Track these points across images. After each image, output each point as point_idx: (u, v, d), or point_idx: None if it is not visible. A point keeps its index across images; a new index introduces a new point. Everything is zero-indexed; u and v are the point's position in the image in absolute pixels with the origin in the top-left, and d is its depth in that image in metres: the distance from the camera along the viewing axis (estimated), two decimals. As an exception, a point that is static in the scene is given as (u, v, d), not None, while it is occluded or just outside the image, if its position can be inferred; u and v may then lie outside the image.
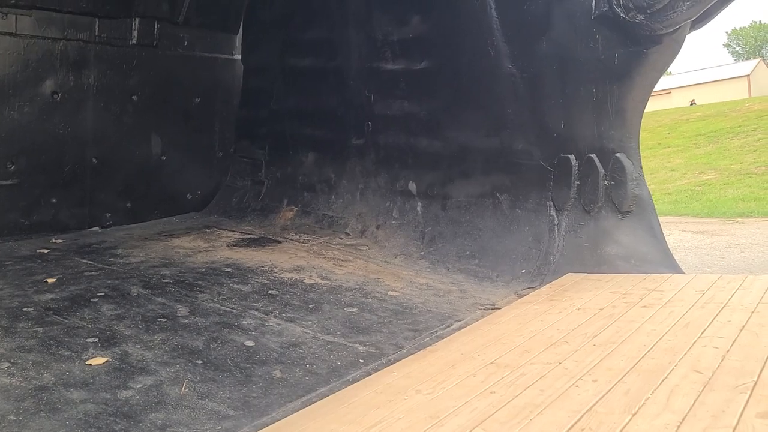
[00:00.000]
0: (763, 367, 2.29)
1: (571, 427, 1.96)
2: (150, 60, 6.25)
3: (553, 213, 5.23)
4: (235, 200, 7.08)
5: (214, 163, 7.17)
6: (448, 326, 3.91)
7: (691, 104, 42.68)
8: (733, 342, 2.64)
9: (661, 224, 5.21)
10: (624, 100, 4.92)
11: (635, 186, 4.92)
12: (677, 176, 20.03)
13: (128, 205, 6.36)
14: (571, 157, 5.14)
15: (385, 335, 3.75)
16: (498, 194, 5.54)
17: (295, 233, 6.23)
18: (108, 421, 2.56)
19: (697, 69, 59.22)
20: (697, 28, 4.92)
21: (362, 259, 5.52)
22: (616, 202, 4.95)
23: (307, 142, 6.79)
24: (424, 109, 5.94)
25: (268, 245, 5.81)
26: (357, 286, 4.70)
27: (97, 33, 5.76)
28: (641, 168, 5.04)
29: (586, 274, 4.57)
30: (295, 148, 6.89)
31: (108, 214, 6.18)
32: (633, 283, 4.05)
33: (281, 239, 6.05)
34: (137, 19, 6.01)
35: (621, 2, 4.55)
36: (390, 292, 4.63)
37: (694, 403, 2.04)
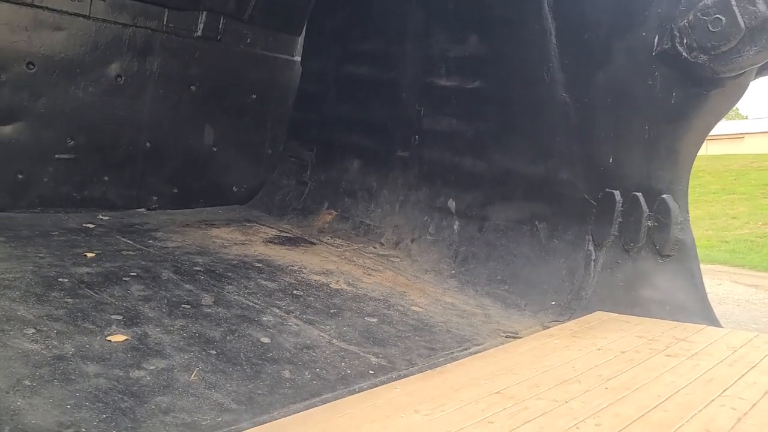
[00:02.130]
0: (778, 435, 2.18)
1: (562, 468, 1.90)
2: (212, 53, 6.45)
3: (591, 248, 5.11)
4: (278, 198, 7.21)
5: (262, 160, 7.31)
6: (465, 349, 3.87)
7: None
8: (754, 405, 2.52)
9: (706, 269, 5.03)
10: (677, 141, 4.78)
11: (679, 230, 4.76)
12: (738, 225, 19.25)
13: (175, 190, 6.55)
14: (617, 193, 5.02)
15: (400, 350, 3.74)
16: (537, 222, 5.46)
17: (331, 237, 6.29)
18: (116, 397, 2.64)
19: (773, 114, 56.97)
20: (764, 75, 4.74)
21: (392, 270, 5.52)
22: (658, 245, 4.80)
23: (354, 149, 6.85)
24: (472, 128, 5.91)
25: (302, 246, 5.88)
26: (381, 297, 4.71)
27: (165, 22, 5.98)
28: (687, 212, 4.88)
29: (616, 314, 4.44)
30: (342, 154, 6.96)
31: (154, 197, 6.38)
32: (663, 329, 3.92)
33: (316, 241, 6.11)
34: (204, 13, 6.21)
35: (684, 41, 4.42)
36: (413, 307, 4.62)
37: (695, 463, 1.96)
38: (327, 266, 5.26)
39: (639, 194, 4.91)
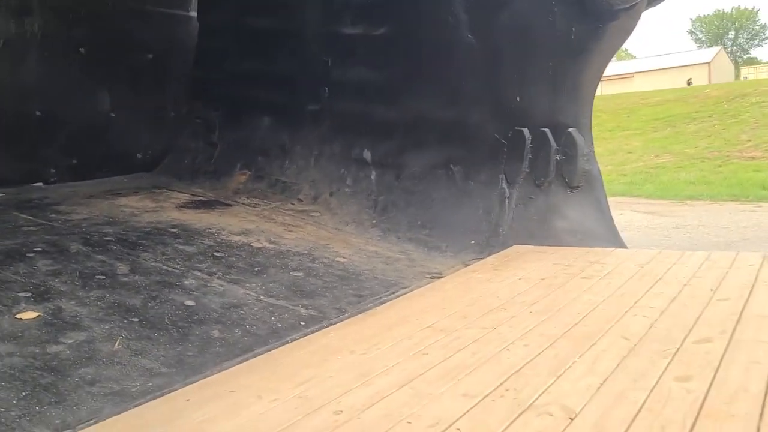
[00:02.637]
0: (687, 335, 2.36)
1: (497, 387, 1.98)
2: (99, 11, 6.00)
3: (505, 186, 5.26)
4: (186, 162, 6.92)
5: (165, 123, 6.97)
6: (393, 293, 3.91)
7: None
8: (663, 312, 2.71)
9: (608, 201, 5.32)
10: (579, 75, 4.96)
11: (585, 161, 4.99)
12: (634, 158, 20.44)
13: (74, 161, 6.15)
14: (525, 130, 5.17)
15: (328, 300, 3.74)
16: (452, 165, 5.54)
17: (247, 197, 6.14)
18: (35, 374, 2.49)
19: (661, 54, 60.23)
20: (654, 5, 4.96)
21: (313, 225, 5.48)
22: (567, 177, 5.02)
23: (263, 105, 6.65)
24: (382, 76, 5.87)
25: (218, 208, 5.71)
26: (305, 252, 4.66)
27: (44, -20, 5.51)
28: (592, 144, 5.11)
29: (532, 246, 4.63)
30: (250, 112, 6.74)
31: (52, 170, 5.97)
32: (576, 255, 4.13)
33: (232, 203, 5.95)
34: (88, -33, 5.76)
35: (580, -24, 4.54)
36: (338, 258, 4.61)
37: (617, 366, 2.09)
38: (246, 226, 5.14)
39: (547, 130, 5.08)
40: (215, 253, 4.37)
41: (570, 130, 4.99)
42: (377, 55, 5.87)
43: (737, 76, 55.35)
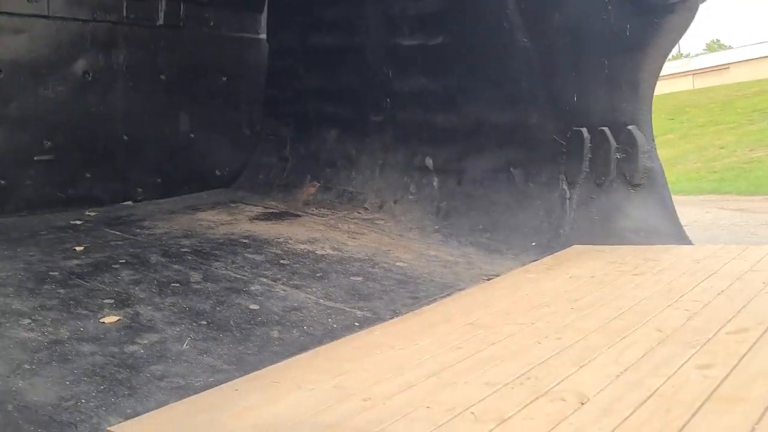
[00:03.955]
0: (723, 326, 2.34)
1: (519, 376, 2.07)
2: (176, 40, 6.50)
3: (565, 187, 5.25)
4: (261, 176, 7.32)
5: (241, 141, 7.40)
6: (448, 294, 4.02)
7: None
8: (706, 305, 2.68)
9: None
10: (636, 71, 4.88)
11: (647, 159, 4.90)
12: (726, 154, 19.36)
13: (158, 180, 6.66)
14: (584, 130, 5.14)
15: (384, 302, 3.90)
16: (512, 168, 5.58)
17: (316, 208, 6.42)
18: (112, 370, 2.80)
19: (758, 42, 56.60)
20: (709, -2, 4.82)
21: (377, 232, 5.67)
22: (628, 175, 4.94)
23: (329, 119, 6.94)
24: (440, 84, 6.00)
25: (288, 219, 6.02)
26: (366, 257, 4.85)
27: (125, 14, 6.03)
28: (653, 140, 5.01)
29: (592, 246, 4.60)
30: (318, 126, 7.05)
31: (139, 189, 6.50)
32: (633, 253, 4.08)
33: (301, 213, 6.25)
34: (163, 1, 6.25)
35: (631, -28, 4.50)
36: (398, 263, 4.77)
37: (642, 357, 2.13)
38: (312, 235, 5.40)
39: (605, 129, 5.03)
40: (281, 261, 4.64)
41: (629, 127, 4.92)
42: (435, 64, 6.01)
43: None
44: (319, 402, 2.03)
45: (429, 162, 6.15)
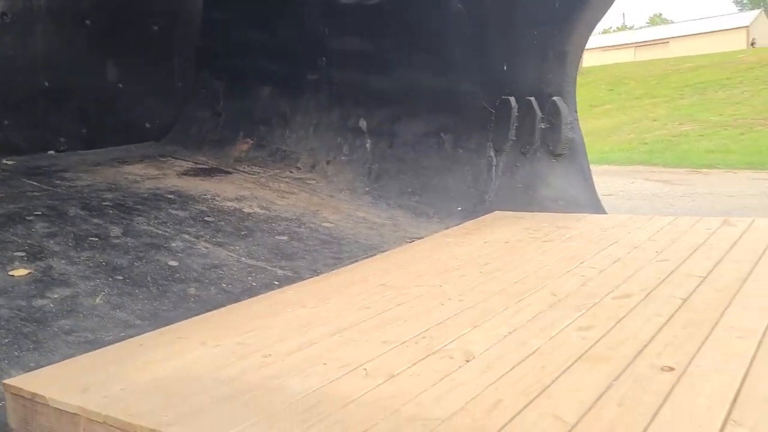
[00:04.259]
0: (611, 292, 2.51)
1: (416, 335, 2.17)
2: (104, -16, 6.22)
3: (492, 154, 5.39)
4: (193, 131, 7.17)
5: (173, 94, 7.20)
6: (370, 256, 4.11)
7: (752, 44, 41.94)
8: (601, 272, 2.85)
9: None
10: (563, 43, 5.01)
11: (569, 129, 5.07)
12: (657, 126, 20.12)
13: (83, 131, 6.43)
14: (512, 99, 5.26)
15: (307, 261, 3.96)
16: (442, 134, 5.68)
17: (248, 165, 6.36)
18: (18, 324, 2.76)
19: (697, 18, 58.20)
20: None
21: (307, 192, 5.68)
22: (551, 145, 5.11)
23: (264, 75, 6.83)
24: (376, 45, 5.98)
25: (218, 175, 5.95)
26: (294, 217, 4.88)
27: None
28: (576, 112, 5.18)
29: (512, 212, 4.76)
30: (253, 82, 6.93)
31: (62, 139, 6.27)
32: (549, 221, 4.26)
33: (232, 170, 6.18)
34: (90, -61, 5.95)
35: (561, -56, 4.58)
36: (324, 224, 4.82)
37: (532, 318, 2.26)
38: (241, 192, 5.38)
39: (532, 98, 5.17)
40: (206, 218, 4.61)
41: (554, 98, 5.07)
42: (372, 25, 5.98)
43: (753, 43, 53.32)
44: (221, 358, 2.08)
45: (363, 123, 6.17)
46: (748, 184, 9.87)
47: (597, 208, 4.94)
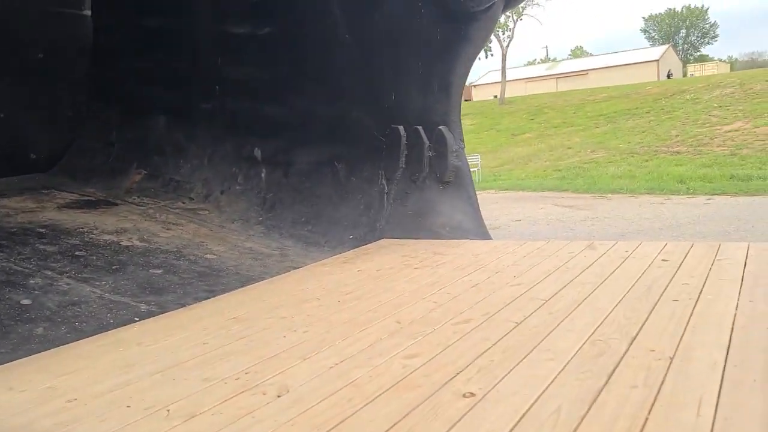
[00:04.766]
0: (453, 318, 2.51)
1: (240, 371, 2.09)
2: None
3: (384, 182, 5.40)
4: (84, 161, 6.89)
5: (62, 123, 6.91)
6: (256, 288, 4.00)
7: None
8: (454, 298, 2.86)
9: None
10: (447, 74, 5.11)
11: (455, 158, 5.16)
12: (571, 154, 20.95)
13: (-41, 162, 6.08)
14: (401, 128, 5.31)
15: (176, 296, 3.80)
16: (336, 162, 5.66)
17: (138, 197, 6.15)
18: None
19: (614, 51, 61.49)
20: (511, 8, 5.16)
21: (196, 223, 5.52)
22: (438, 173, 5.18)
23: (159, 104, 6.66)
24: (269, 74, 5.95)
25: (102, 207, 5.71)
26: (175, 249, 4.72)
27: None
28: (462, 140, 5.28)
29: (398, 239, 4.77)
30: (148, 111, 6.74)
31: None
32: (428, 247, 4.27)
33: (120, 202, 5.95)
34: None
35: (439, -21, 4.70)
36: (207, 255, 4.68)
37: (366, 348, 2.23)
38: (123, 225, 5.17)
39: (419, 127, 5.24)
40: (77, 252, 4.39)
41: (440, 127, 5.15)
42: (264, 54, 5.95)
43: (684, 73, 56.96)
44: (22, 404, 1.94)
45: (258, 152, 6.10)
46: (645, 208, 10.34)
47: (482, 233, 5.01)
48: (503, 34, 38.74)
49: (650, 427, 1.48)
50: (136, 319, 3.40)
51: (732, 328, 2.16)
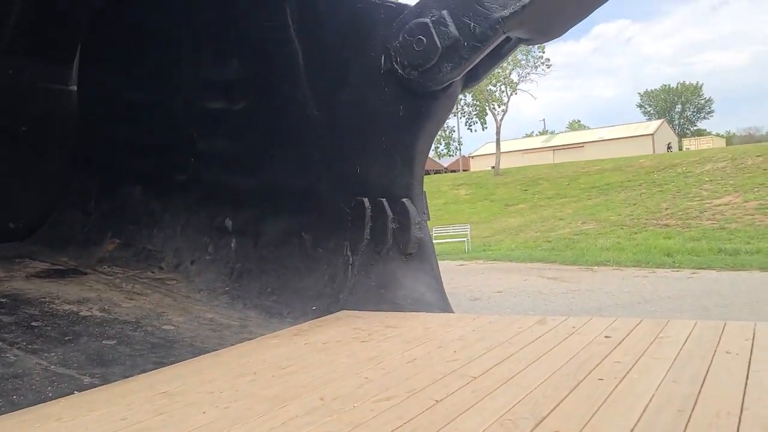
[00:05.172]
0: (378, 394, 2.49)
1: (141, 449, 2.06)
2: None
3: (349, 253, 5.44)
4: (61, 231, 6.97)
5: (43, 193, 7.04)
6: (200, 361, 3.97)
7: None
8: (387, 373, 2.84)
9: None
10: (409, 148, 5.24)
11: (418, 230, 5.21)
12: (563, 225, 21.07)
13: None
14: (366, 200, 5.40)
15: (124, 368, 3.77)
16: (303, 233, 5.72)
17: (108, 266, 6.18)
18: None
19: (610, 125, 62.89)
20: (470, 87, 5.36)
21: (162, 293, 5.53)
22: (401, 245, 5.22)
23: (136, 175, 6.81)
24: (241, 147, 6.10)
25: (70, 277, 5.74)
26: (133, 320, 4.71)
27: None
28: (425, 213, 5.35)
29: (357, 312, 4.75)
30: (125, 181, 6.88)
31: None
32: (383, 320, 4.27)
33: (90, 272, 5.98)
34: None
35: (399, 60, 4.89)
36: (165, 326, 4.67)
37: (277, 426, 2.20)
38: (86, 295, 5.18)
39: (383, 200, 5.32)
40: (33, 323, 4.39)
41: (403, 200, 5.24)
42: (237, 128, 6.13)
43: (680, 147, 58.05)
44: None
45: (228, 223, 6.17)
46: (628, 281, 10.32)
47: (443, 305, 5.00)
48: (498, 107, 39.78)
49: None
50: (75, 392, 3.37)
51: (644, 410, 2.14)
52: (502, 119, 37.43)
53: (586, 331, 3.48)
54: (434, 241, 19.81)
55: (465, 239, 18.11)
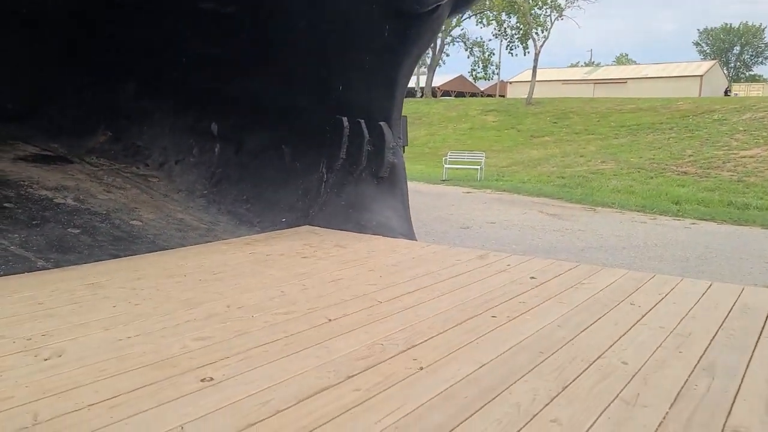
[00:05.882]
0: (283, 308, 2.61)
1: (41, 332, 2.22)
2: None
3: (324, 170, 5.51)
4: (55, 118, 7.09)
5: (38, 78, 7.11)
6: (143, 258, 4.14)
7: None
8: (305, 289, 2.96)
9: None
10: (392, 71, 5.17)
11: (391, 154, 5.23)
12: (582, 162, 20.72)
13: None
14: (345, 119, 5.39)
15: (81, 256, 3.96)
16: (283, 146, 5.77)
17: (96, 157, 6.33)
18: None
19: (658, 62, 60.25)
20: (460, 13, 5.18)
21: (140, 189, 5.69)
22: (374, 167, 5.26)
23: (129, 71, 6.81)
24: (230, 53, 6.04)
25: (56, 164, 5.91)
26: (104, 212, 4.88)
27: None
28: (400, 138, 5.34)
29: (319, 228, 4.87)
30: (119, 76, 6.90)
31: None
32: (335, 239, 4.38)
33: (77, 161, 6.14)
34: None
35: (386, -23, 4.74)
36: (133, 221, 4.84)
37: (175, 326, 2.34)
38: (65, 183, 5.35)
39: (362, 121, 5.32)
40: (5, 204, 4.58)
41: (381, 123, 5.22)
42: (227, 33, 6.04)
43: (727, 92, 55.68)
44: None
45: (214, 127, 6.23)
46: (624, 225, 10.25)
47: (407, 232, 5.09)
48: (541, 32, 38.21)
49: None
50: (24, 273, 3.58)
51: (508, 350, 2.23)
52: (542, 45, 36.00)
53: (518, 270, 3.55)
54: (447, 166, 19.56)
55: (479, 167, 17.98)
